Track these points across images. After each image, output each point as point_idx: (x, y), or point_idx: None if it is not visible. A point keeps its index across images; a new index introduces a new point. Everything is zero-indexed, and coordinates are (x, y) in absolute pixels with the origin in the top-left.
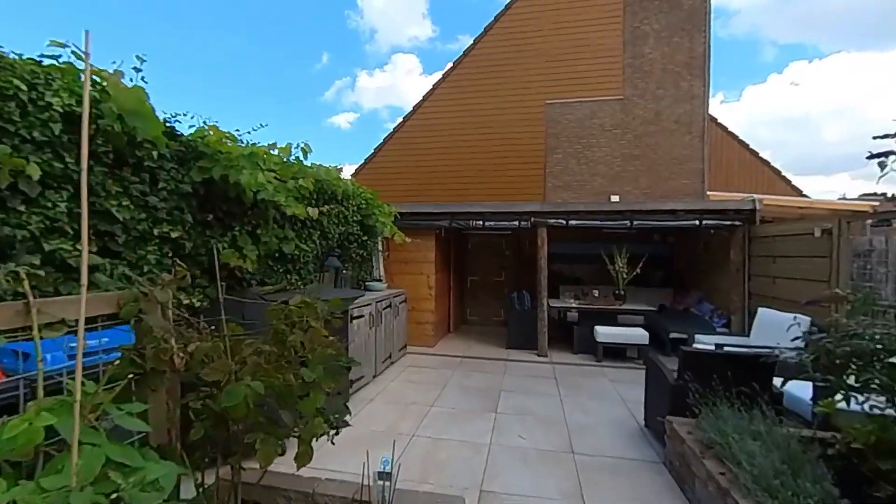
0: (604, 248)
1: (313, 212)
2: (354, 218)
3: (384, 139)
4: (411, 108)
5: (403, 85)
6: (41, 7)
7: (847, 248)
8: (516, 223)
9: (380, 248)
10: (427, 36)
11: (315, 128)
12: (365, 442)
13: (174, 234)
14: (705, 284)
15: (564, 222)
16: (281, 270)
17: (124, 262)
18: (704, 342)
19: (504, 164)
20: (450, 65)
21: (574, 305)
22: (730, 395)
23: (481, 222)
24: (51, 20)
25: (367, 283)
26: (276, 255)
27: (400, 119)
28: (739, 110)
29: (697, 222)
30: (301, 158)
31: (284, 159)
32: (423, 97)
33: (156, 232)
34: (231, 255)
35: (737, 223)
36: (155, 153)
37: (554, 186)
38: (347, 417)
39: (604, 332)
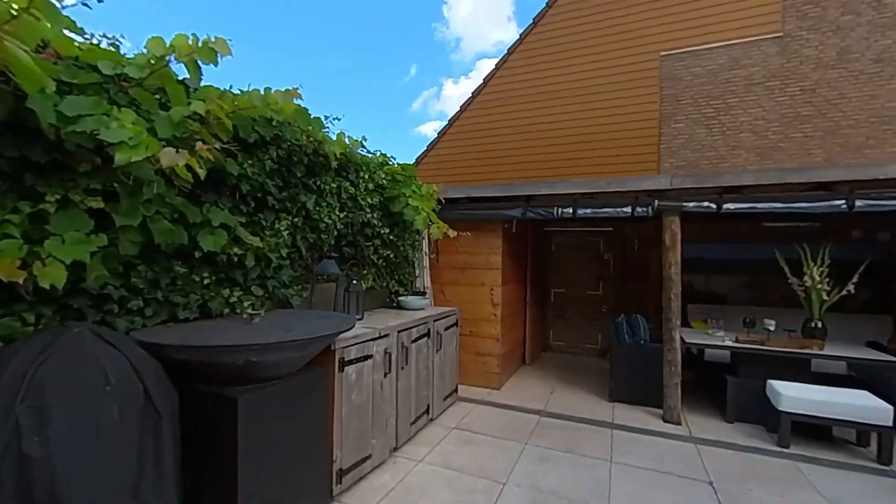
0: (763, 249)
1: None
2: (369, 200)
3: (448, 123)
4: (481, 82)
5: None
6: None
7: None
8: (627, 210)
9: (424, 248)
10: (513, 38)
11: (405, 136)
12: None
13: None
14: None
15: (715, 207)
16: (199, 280)
17: None
18: None
19: (598, 141)
20: (527, 27)
21: (731, 345)
22: None
23: (570, 210)
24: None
25: (399, 299)
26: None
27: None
28: None
29: None
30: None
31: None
32: (497, 66)
33: None
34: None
35: None
36: None
37: (673, 167)
38: None
39: (796, 397)
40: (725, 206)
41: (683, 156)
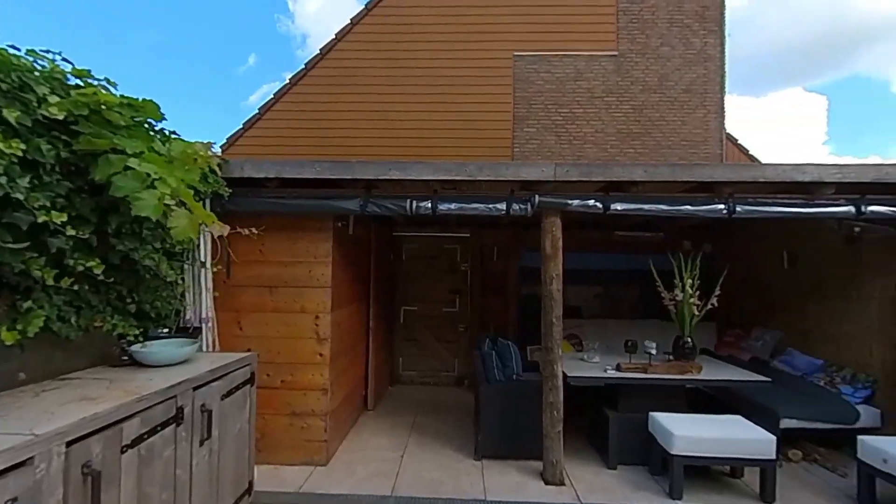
0: (615, 259)
1: None
2: (14, 148)
3: (275, 95)
4: (318, 53)
5: None
6: None
7: None
8: (502, 207)
9: (202, 256)
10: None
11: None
12: None
13: None
14: (795, 322)
15: (601, 207)
16: None
17: None
18: (887, 451)
19: (451, 137)
20: None
21: (618, 376)
22: None
23: (429, 204)
24: None
25: (134, 351)
26: None
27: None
28: None
29: (853, 209)
30: None
31: None
32: (337, 36)
33: None
34: None
35: None
36: None
37: None
38: None
39: (687, 437)
40: (613, 205)
41: (534, 160)
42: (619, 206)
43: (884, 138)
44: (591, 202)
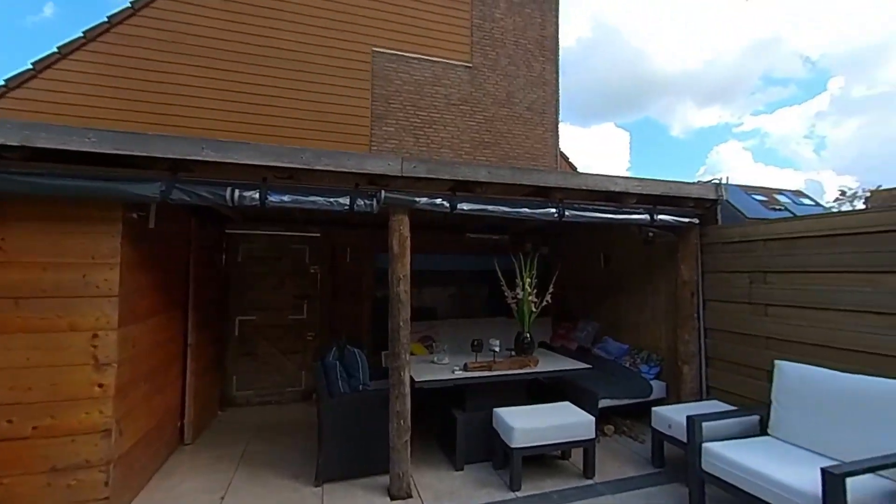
0: (466, 260)
1: None
2: None
3: (60, 49)
4: (129, 5)
5: None
6: None
7: None
8: (345, 202)
9: None
10: None
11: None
12: None
13: None
14: (609, 314)
15: (448, 206)
16: None
17: None
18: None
19: (306, 130)
20: None
21: (465, 376)
22: None
23: (256, 194)
24: None
25: None
26: None
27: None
28: None
29: (648, 217)
30: None
31: None
32: None
33: None
34: None
35: (695, 221)
36: None
37: None
38: None
39: (525, 429)
40: (460, 205)
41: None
42: (465, 206)
43: (666, 171)
44: (439, 201)
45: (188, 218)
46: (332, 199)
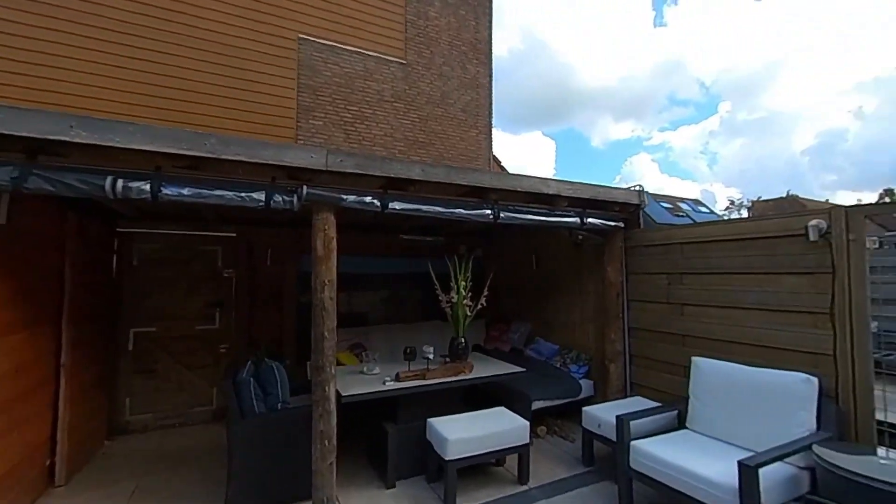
0: (400, 263)
1: None
2: None
3: None
4: None
5: None
6: None
7: (861, 257)
8: (259, 198)
9: None
10: None
11: None
12: None
13: None
14: (541, 315)
15: (379, 205)
16: None
17: None
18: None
19: (228, 119)
20: None
21: (397, 387)
22: None
23: (147, 186)
24: None
25: None
26: None
27: None
28: None
29: (579, 220)
30: None
31: None
32: None
33: None
34: None
35: (620, 224)
36: None
37: None
38: None
39: (460, 439)
40: (391, 204)
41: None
42: (397, 206)
43: (588, 178)
44: (369, 199)
45: (63, 213)
46: (243, 195)
